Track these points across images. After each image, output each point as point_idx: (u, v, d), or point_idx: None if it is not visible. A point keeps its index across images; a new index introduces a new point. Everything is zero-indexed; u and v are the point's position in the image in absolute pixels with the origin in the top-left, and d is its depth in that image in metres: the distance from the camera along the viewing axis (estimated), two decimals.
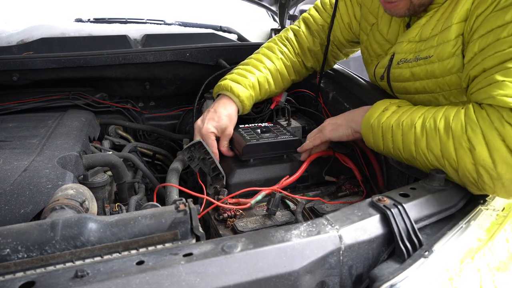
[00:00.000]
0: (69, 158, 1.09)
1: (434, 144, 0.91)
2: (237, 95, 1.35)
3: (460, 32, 1.00)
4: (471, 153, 0.84)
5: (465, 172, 0.86)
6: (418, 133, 0.94)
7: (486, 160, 0.82)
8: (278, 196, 1.05)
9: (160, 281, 0.59)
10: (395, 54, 1.18)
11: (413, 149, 0.95)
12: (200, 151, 1.20)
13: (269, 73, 1.45)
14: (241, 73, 1.41)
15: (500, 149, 0.81)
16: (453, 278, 0.72)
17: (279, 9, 2.11)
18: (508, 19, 0.87)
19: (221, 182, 1.17)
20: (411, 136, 0.96)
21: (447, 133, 0.89)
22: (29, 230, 0.66)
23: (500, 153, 0.81)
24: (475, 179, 0.85)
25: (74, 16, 2.20)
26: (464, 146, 0.85)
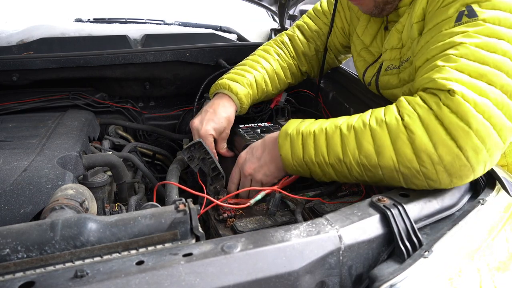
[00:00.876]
0: (69, 158, 1.09)
1: (366, 141, 0.88)
2: (235, 93, 1.35)
3: (422, 30, 1.03)
4: (410, 142, 0.83)
5: (406, 163, 0.84)
6: (345, 132, 0.91)
7: (427, 144, 0.82)
8: (278, 196, 1.05)
9: (160, 281, 0.59)
10: (383, 61, 1.21)
11: (340, 151, 0.91)
12: (200, 151, 1.20)
13: (266, 73, 1.45)
14: (238, 73, 1.41)
15: (439, 131, 0.81)
16: (453, 278, 0.72)
17: (279, 9, 2.11)
18: (450, 14, 0.92)
19: (221, 182, 1.17)
20: (337, 137, 0.92)
21: (381, 127, 0.87)
22: (29, 230, 0.66)
23: (439, 135, 0.81)
24: (417, 168, 0.83)
25: (74, 16, 2.20)
26: (402, 137, 0.84)
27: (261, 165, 1.09)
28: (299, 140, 0.98)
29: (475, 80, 0.82)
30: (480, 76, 0.82)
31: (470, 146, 0.79)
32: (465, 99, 0.80)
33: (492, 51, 0.84)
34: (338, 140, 0.92)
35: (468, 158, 0.80)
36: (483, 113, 0.79)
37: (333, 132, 0.93)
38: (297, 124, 1.02)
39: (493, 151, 0.81)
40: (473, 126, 0.79)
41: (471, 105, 0.79)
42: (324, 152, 0.94)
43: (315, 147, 0.96)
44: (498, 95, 0.81)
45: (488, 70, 0.83)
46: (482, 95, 0.81)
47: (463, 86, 0.81)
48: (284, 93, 1.62)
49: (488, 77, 0.82)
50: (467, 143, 0.79)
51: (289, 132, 1.01)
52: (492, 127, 0.80)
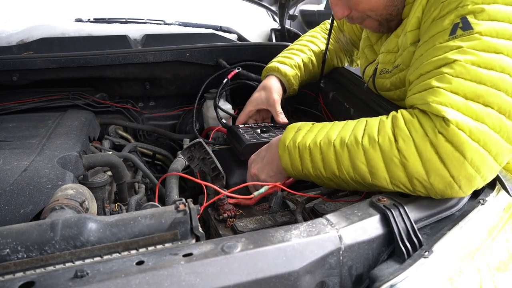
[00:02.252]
0: (69, 158, 1.09)
1: (359, 160, 0.87)
2: (284, 74, 1.43)
3: (415, 40, 1.02)
4: (403, 166, 0.82)
5: (399, 184, 0.84)
6: (339, 150, 0.90)
7: (419, 172, 0.81)
8: (280, 194, 1.05)
9: (160, 281, 0.59)
10: (379, 64, 1.22)
11: (335, 167, 0.91)
12: (200, 151, 1.20)
13: (313, 54, 1.53)
14: (287, 56, 1.50)
15: (433, 159, 0.79)
16: (453, 278, 0.72)
17: (279, 9, 2.11)
18: (445, 26, 0.88)
19: (221, 182, 1.17)
20: (331, 154, 0.91)
21: (374, 148, 0.85)
22: (29, 230, 0.66)
23: (433, 164, 0.79)
24: (410, 189, 0.84)
25: (74, 16, 2.20)
26: (395, 161, 0.83)
27: (264, 165, 1.10)
28: (296, 154, 0.98)
29: (471, 103, 0.79)
30: (476, 97, 0.79)
31: (463, 176, 0.79)
32: (460, 128, 0.77)
33: (489, 68, 0.80)
34: (333, 157, 0.91)
35: (461, 186, 0.80)
36: (479, 140, 0.77)
37: (327, 149, 0.92)
38: (293, 134, 1.01)
39: (487, 176, 0.81)
40: (468, 156, 0.77)
41: (466, 134, 0.77)
42: (320, 167, 0.94)
43: (312, 161, 0.95)
44: (495, 117, 0.78)
45: (485, 90, 0.79)
46: (478, 119, 0.78)
47: (457, 112, 0.78)
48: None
49: (485, 98, 0.79)
50: (461, 173, 0.78)
51: (286, 145, 1.00)
52: (488, 153, 0.78)
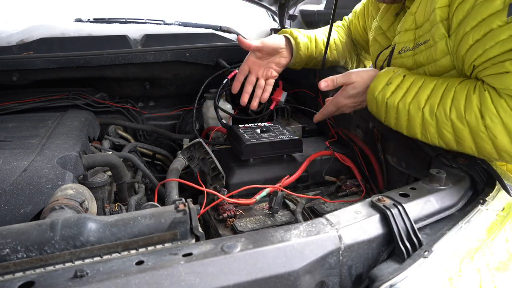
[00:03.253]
0: (69, 158, 1.09)
1: (446, 130, 0.94)
2: (294, 37, 1.45)
3: (444, 17, 1.02)
4: (491, 141, 0.88)
5: (484, 153, 0.91)
6: (427, 117, 0.96)
7: (507, 146, 0.87)
8: (281, 195, 1.05)
9: (160, 281, 0.59)
10: (396, 44, 1.20)
11: (419, 131, 0.99)
12: (199, 151, 1.20)
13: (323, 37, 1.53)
14: (301, 31, 1.51)
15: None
16: (452, 278, 0.72)
17: (279, 9, 2.11)
18: (498, 7, 0.88)
19: (221, 182, 1.17)
20: (418, 119, 0.98)
21: (462, 123, 0.91)
22: (29, 230, 0.66)
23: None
24: (496, 158, 0.91)
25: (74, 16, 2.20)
26: (482, 136, 0.89)
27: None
28: (383, 108, 1.06)
29: None
30: None
31: None
32: None
33: None
34: (419, 122, 0.98)
35: None
36: None
37: (415, 113, 0.98)
38: (383, 86, 1.06)
39: None
40: None
41: None
42: (403, 126, 1.02)
43: (397, 119, 1.03)
44: None
45: None
46: None
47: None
48: (284, 93, 1.62)
49: None
50: None
51: (375, 96, 1.07)
52: None
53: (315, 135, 1.57)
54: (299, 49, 1.45)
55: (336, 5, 1.43)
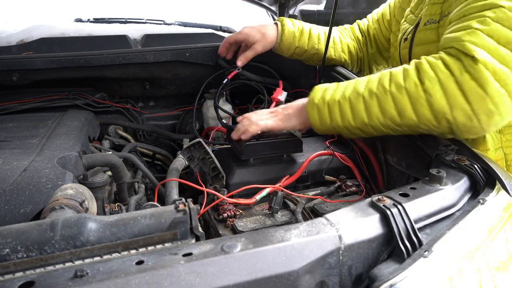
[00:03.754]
0: (68, 158, 1.09)
1: (388, 105, 0.97)
2: (283, 24, 1.51)
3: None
4: (429, 105, 0.92)
5: (425, 122, 0.95)
6: (368, 99, 0.99)
7: (444, 107, 0.91)
8: (281, 194, 1.05)
9: (160, 281, 0.59)
10: (422, 17, 1.23)
11: (365, 116, 1.00)
12: (199, 151, 1.20)
13: (325, 34, 1.54)
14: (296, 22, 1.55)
15: (457, 95, 0.89)
16: (452, 278, 0.72)
17: (279, 9, 2.11)
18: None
19: (221, 182, 1.17)
20: (360, 104, 1.01)
21: (401, 93, 0.95)
22: (29, 230, 0.66)
23: (457, 99, 0.89)
24: (435, 125, 0.94)
25: (74, 16, 2.20)
26: (421, 101, 0.93)
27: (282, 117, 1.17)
28: (326, 109, 1.06)
29: (501, 48, 0.88)
30: (507, 43, 0.88)
31: (483, 110, 0.89)
32: (486, 67, 0.87)
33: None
34: (362, 106, 1.00)
35: (480, 120, 0.90)
36: (500, 80, 0.87)
37: (356, 100, 1.01)
38: (322, 92, 1.09)
39: (505, 115, 0.90)
40: (489, 92, 0.87)
41: (490, 73, 0.86)
42: (350, 118, 1.03)
43: (341, 114, 1.04)
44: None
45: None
46: (504, 63, 0.87)
47: (487, 54, 0.87)
48: (284, 93, 1.62)
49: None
50: (481, 107, 0.88)
51: (315, 102, 1.08)
52: (506, 94, 0.87)
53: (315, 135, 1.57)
54: (281, 36, 1.51)
55: (336, 5, 1.43)
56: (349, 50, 1.63)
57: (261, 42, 1.53)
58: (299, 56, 1.58)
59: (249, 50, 1.56)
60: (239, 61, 1.57)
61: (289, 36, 1.51)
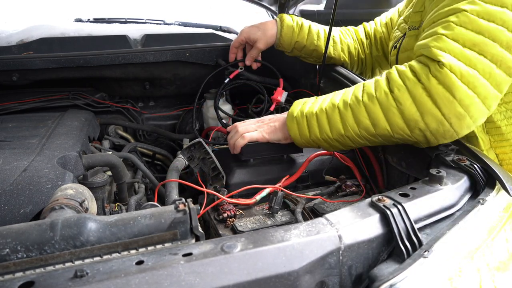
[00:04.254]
0: (68, 158, 1.09)
1: (362, 115, 0.98)
2: (282, 19, 1.53)
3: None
4: (400, 113, 0.93)
5: (398, 131, 0.96)
6: (343, 110, 1.01)
7: (414, 114, 0.92)
8: (281, 194, 1.05)
9: (160, 281, 0.59)
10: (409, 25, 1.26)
11: (341, 127, 1.02)
12: (200, 151, 1.20)
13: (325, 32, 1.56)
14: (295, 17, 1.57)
15: (426, 102, 0.90)
16: (452, 278, 0.72)
17: (279, 9, 2.11)
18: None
19: (221, 182, 1.17)
20: (336, 115, 1.02)
21: (373, 102, 0.97)
22: (29, 230, 0.66)
23: (426, 105, 0.90)
24: (408, 134, 0.95)
25: (74, 16, 2.20)
26: (393, 110, 0.94)
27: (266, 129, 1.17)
28: (304, 122, 1.08)
29: (467, 50, 0.88)
30: (473, 45, 0.88)
31: (453, 114, 0.89)
32: (452, 71, 0.87)
33: (490, 20, 0.88)
34: (338, 118, 1.02)
35: (452, 124, 0.90)
36: (468, 83, 0.87)
37: (332, 112, 1.03)
38: (301, 106, 1.10)
39: (476, 117, 0.90)
40: (457, 96, 0.87)
41: (457, 76, 0.87)
42: (327, 130, 1.04)
43: (319, 126, 1.05)
44: (486, 65, 0.87)
45: (482, 39, 0.88)
46: (471, 65, 0.87)
47: (453, 57, 0.88)
48: (284, 93, 1.62)
49: (481, 47, 0.88)
50: (451, 111, 0.89)
51: (294, 115, 1.10)
52: (476, 96, 0.88)
53: None
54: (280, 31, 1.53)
55: (336, 5, 1.43)
56: (349, 51, 1.63)
57: (263, 39, 1.55)
58: (299, 51, 1.58)
59: (253, 49, 1.59)
60: (247, 60, 1.62)
61: (288, 31, 1.53)
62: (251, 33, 1.56)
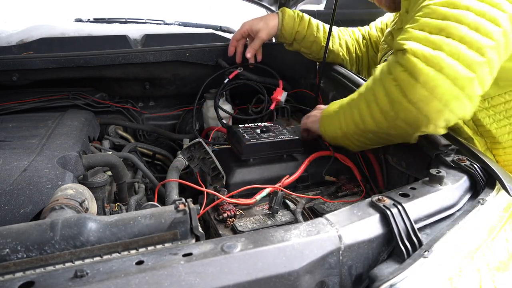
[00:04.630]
0: (69, 158, 1.09)
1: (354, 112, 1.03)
2: (283, 11, 1.56)
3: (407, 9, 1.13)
4: (377, 104, 0.96)
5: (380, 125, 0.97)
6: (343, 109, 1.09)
7: (386, 105, 0.93)
8: (281, 194, 1.05)
9: (160, 281, 0.59)
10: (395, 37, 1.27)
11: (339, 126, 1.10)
12: (200, 151, 1.20)
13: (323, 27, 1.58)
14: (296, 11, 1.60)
15: (393, 91, 0.91)
16: (452, 278, 0.72)
17: (279, 9, 2.11)
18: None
19: (221, 182, 1.17)
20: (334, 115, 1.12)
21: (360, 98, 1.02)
22: (29, 230, 0.66)
23: (394, 94, 0.91)
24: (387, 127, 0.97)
25: (74, 16, 2.20)
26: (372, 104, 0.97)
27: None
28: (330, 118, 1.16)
29: (433, 36, 0.88)
30: (439, 30, 0.88)
31: (418, 98, 0.87)
32: (416, 55, 0.87)
33: (455, 7, 0.89)
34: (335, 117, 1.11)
35: (419, 109, 0.88)
36: (434, 65, 0.85)
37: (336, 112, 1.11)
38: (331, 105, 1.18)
39: (445, 100, 0.86)
40: (420, 78, 0.86)
41: (420, 60, 0.86)
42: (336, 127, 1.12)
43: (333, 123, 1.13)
44: (454, 46, 0.86)
45: (447, 23, 0.88)
46: (437, 48, 0.86)
47: (417, 43, 0.88)
48: (284, 93, 1.62)
49: (447, 30, 0.87)
50: (415, 95, 0.87)
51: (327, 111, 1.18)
52: (444, 76, 0.85)
53: None
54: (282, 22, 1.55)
55: (336, 5, 1.43)
56: (347, 46, 1.65)
57: (265, 29, 1.56)
58: (298, 43, 1.59)
59: (255, 40, 1.59)
60: (248, 53, 1.62)
61: (290, 21, 1.55)
62: (253, 24, 1.57)
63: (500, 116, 1.11)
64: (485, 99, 1.10)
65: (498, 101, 1.09)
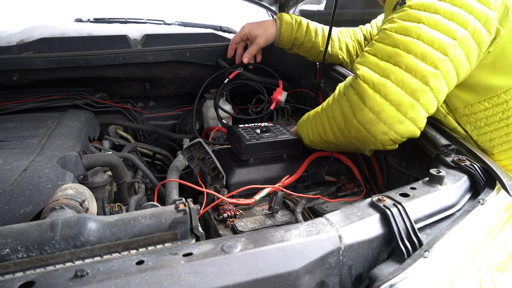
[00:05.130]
0: (69, 158, 1.09)
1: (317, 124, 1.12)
2: (280, 17, 1.56)
3: None
4: (334, 120, 1.04)
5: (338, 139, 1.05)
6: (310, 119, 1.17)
7: (341, 123, 1.01)
8: (281, 194, 1.05)
9: (160, 281, 0.59)
10: None
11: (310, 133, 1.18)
12: (200, 151, 1.20)
13: (322, 30, 1.59)
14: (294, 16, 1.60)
15: (347, 111, 0.98)
16: (452, 278, 0.72)
17: (279, 9, 2.11)
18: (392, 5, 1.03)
19: (221, 182, 1.17)
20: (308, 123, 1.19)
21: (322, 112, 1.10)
22: (29, 230, 0.66)
23: (347, 114, 0.98)
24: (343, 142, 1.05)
25: (74, 16, 2.20)
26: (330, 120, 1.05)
27: None
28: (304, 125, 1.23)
29: (383, 62, 0.94)
30: (388, 57, 0.94)
31: (365, 120, 0.95)
32: (365, 81, 0.94)
33: (406, 34, 0.93)
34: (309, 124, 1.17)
35: (367, 130, 0.96)
36: (380, 91, 0.92)
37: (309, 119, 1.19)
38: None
39: (391, 123, 0.93)
40: (368, 103, 0.93)
41: (369, 86, 0.93)
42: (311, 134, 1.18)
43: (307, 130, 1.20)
44: (400, 74, 0.91)
45: (396, 51, 0.93)
46: (384, 75, 0.93)
47: (368, 69, 0.95)
48: (284, 93, 1.62)
49: (396, 58, 0.92)
50: (363, 117, 0.95)
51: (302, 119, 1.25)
52: (389, 103, 0.92)
53: None
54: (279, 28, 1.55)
55: (336, 5, 1.43)
56: (347, 49, 1.64)
57: (263, 36, 1.57)
58: (297, 48, 1.60)
59: (252, 45, 1.60)
60: (245, 57, 1.62)
61: (287, 28, 1.55)
62: (252, 29, 1.58)
63: (481, 123, 1.10)
64: (465, 106, 1.10)
65: (478, 108, 1.08)
